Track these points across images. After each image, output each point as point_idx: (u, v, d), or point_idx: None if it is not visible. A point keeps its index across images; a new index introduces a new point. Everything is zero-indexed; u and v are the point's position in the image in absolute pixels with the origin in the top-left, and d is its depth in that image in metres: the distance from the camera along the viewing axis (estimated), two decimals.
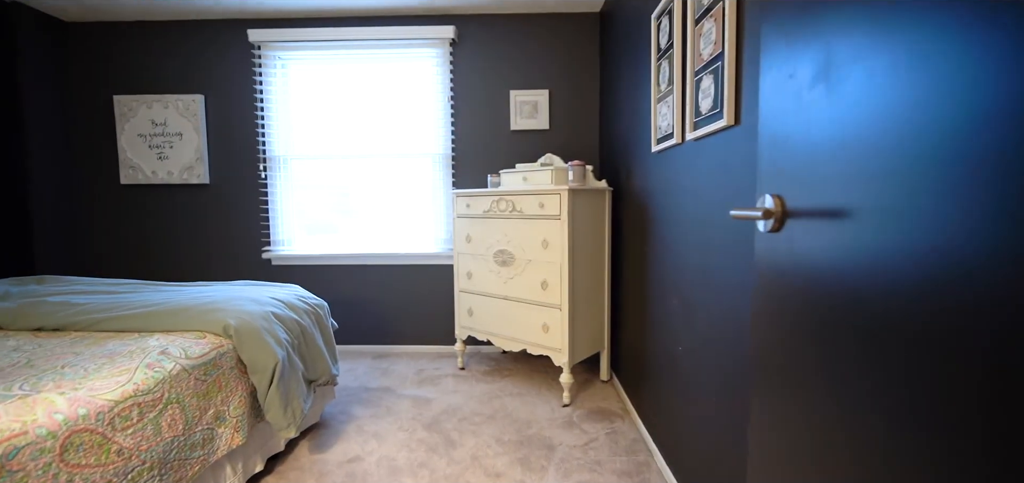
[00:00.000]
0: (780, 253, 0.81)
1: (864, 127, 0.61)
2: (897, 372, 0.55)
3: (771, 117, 0.84)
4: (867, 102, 0.60)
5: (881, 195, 0.58)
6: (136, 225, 3.39)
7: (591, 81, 3.22)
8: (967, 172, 0.46)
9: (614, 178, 2.77)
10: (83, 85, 3.31)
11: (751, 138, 1.18)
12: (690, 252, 1.59)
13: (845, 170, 0.64)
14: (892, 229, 0.56)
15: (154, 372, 1.35)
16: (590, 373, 2.95)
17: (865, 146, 0.60)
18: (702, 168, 1.48)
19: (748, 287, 1.18)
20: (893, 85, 0.56)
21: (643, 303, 2.17)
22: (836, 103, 0.66)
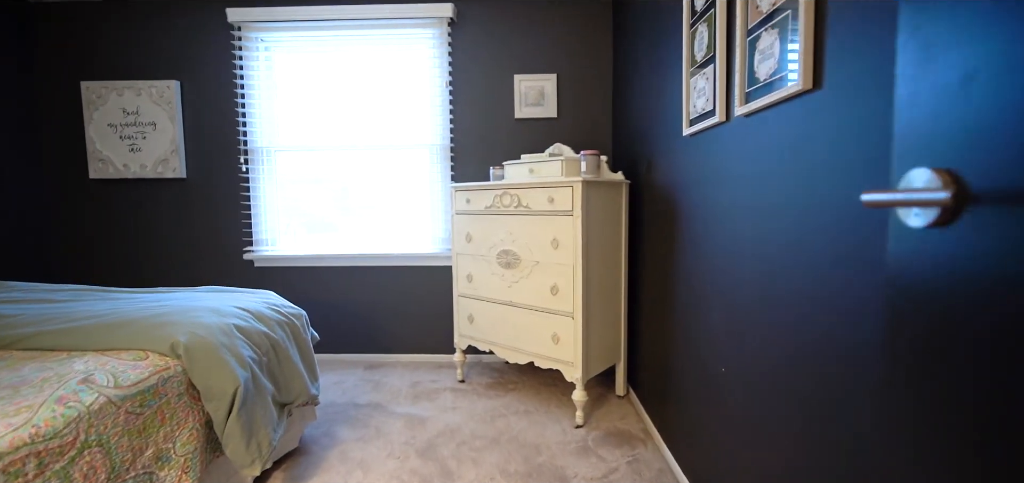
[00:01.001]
0: (950, 260, 0.52)
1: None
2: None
3: (924, 47, 0.55)
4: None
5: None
6: (107, 223, 3.11)
7: (603, 63, 2.92)
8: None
9: (631, 170, 2.47)
10: (48, 71, 3.03)
11: (842, 103, 0.88)
12: (740, 254, 1.30)
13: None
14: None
15: (66, 408, 1.06)
16: (604, 386, 2.65)
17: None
18: (760, 148, 1.18)
19: (844, 303, 0.89)
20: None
21: (669, 312, 1.88)
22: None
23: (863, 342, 0.83)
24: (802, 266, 1.01)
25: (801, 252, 1.01)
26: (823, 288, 0.94)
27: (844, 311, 0.88)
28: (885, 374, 0.62)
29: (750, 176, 1.23)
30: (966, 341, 0.50)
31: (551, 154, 2.54)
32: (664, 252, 1.94)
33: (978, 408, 0.49)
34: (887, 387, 0.62)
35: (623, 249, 2.40)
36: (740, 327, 1.29)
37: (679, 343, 1.77)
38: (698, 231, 1.57)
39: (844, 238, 0.87)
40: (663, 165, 1.96)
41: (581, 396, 2.18)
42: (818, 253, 0.95)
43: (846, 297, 0.87)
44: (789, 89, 1.01)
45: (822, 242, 0.94)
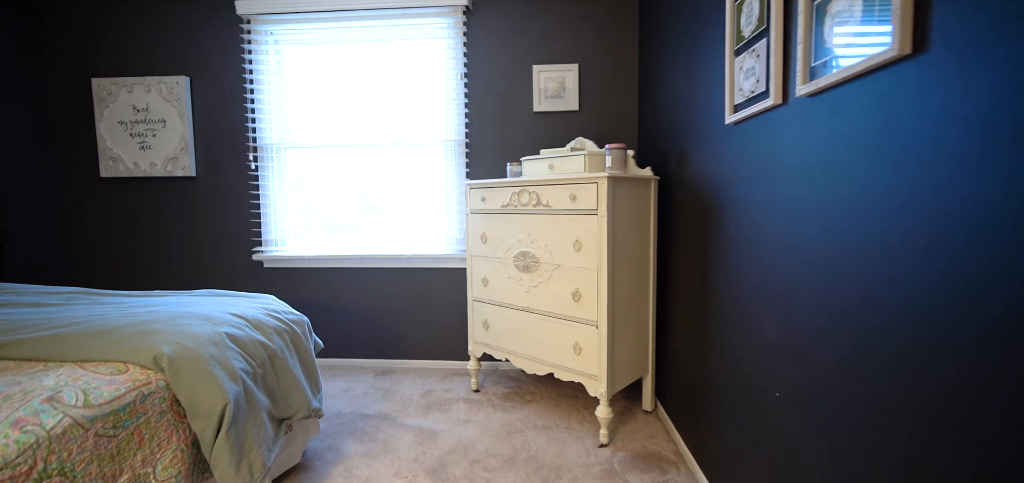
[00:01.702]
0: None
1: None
2: None
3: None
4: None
5: None
6: (117, 223, 3.05)
7: (629, 50, 2.72)
8: None
9: (661, 165, 2.27)
10: (59, 67, 2.98)
11: (954, 71, 0.68)
12: (799, 260, 1.10)
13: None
14: None
15: (22, 433, 0.93)
16: (629, 400, 2.46)
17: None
18: (829, 133, 0.98)
19: (957, 330, 0.69)
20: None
21: (706, 323, 1.68)
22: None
23: (988, 383, 0.63)
24: (894, 277, 0.81)
25: (893, 260, 0.81)
26: (928, 308, 0.74)
27: (951, 339, 0.68)
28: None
29: (815, 167, 1.03)
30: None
31: (573, 149, 2.36)
32: (700, 256, 1.74)
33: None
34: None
35: (651, 252, 2.20)
36: (800, 346, 1.09)
37: (719, 358, 1.57)
38: (745, 232, 1.38)
39: (965, 245, 0.68)
40: (699, 159, 1.76)
41: (606, 413, 2.00)
42: (921, 262, 0.75)
43: (963, 321, 0.67)
44: (875, 58, 0.81)
45: (927, 247, 0.74)
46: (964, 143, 0.67)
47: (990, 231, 0.63)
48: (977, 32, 0.65)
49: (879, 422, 0.85)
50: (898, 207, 0.79)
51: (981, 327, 0.64)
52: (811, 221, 1.05)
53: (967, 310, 0.67)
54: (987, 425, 0.64)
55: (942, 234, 0.71)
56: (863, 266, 0.88)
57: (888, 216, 0.82)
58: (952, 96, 0.69)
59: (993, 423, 0.63)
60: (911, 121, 0.76)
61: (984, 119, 0.64)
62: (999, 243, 0.62)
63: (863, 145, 0.88)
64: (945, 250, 0.70)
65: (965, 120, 0.67)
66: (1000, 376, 0.62)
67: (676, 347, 2.06)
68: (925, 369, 0.74)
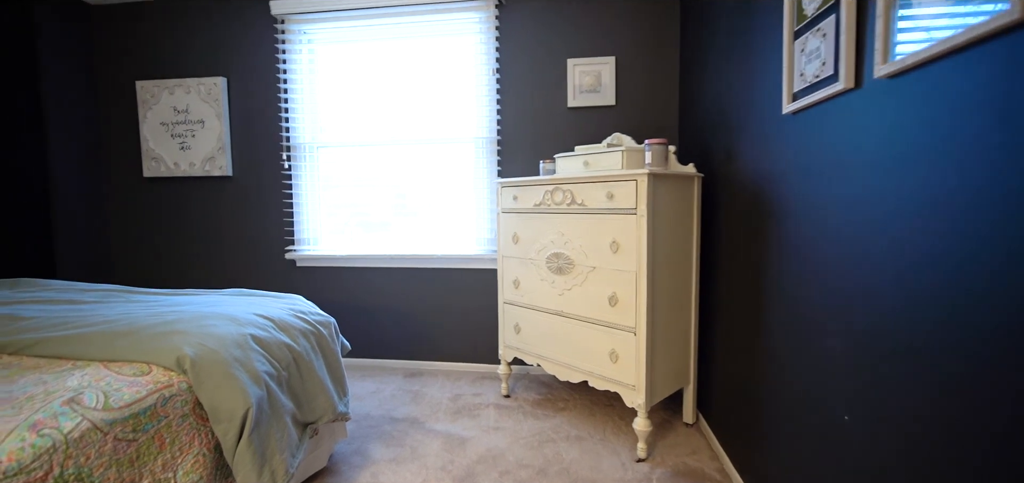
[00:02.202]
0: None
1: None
2: None
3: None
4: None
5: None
6: (158, 222, 3.14)
7: (669, 41, 2.57)
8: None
9: (704, 162, 2.12)
10: (106, 72, 3.09)
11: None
12: (875, 267, 0.95)
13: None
14: None
15: (39, 437, 0.90)
16: (669, 411, 2.31)
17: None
18: (917, 119, 0.84)
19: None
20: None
21: (757, 332, 1.53)
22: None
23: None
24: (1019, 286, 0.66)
25: (1013, 266, 0.67)
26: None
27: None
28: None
29: (896, 157, 0.89)
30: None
31: (610, 145, 2.23)
32: (750, 258, 1.59)
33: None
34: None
35: (694, 254, 2.06)
36: (876, 363, 0.95)
37: (773, 371, 1.43)
38: (806, 232, 1.23)
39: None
40: (750, 153, 1.61)
41: (644, 426, 1.87)
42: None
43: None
44: (983, 26, 0.67)
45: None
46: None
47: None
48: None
49: (990, 465, 0.70)
50: (1014, 202, 0.65)
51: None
52: (895, 222, 0.90)
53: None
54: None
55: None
56: (968, 276, 0.74)
57: (1003, 214, 0.67)
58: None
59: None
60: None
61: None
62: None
63: (965, 131, 0.73)
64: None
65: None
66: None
67: (721, 357, 1.91)
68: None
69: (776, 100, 1.40)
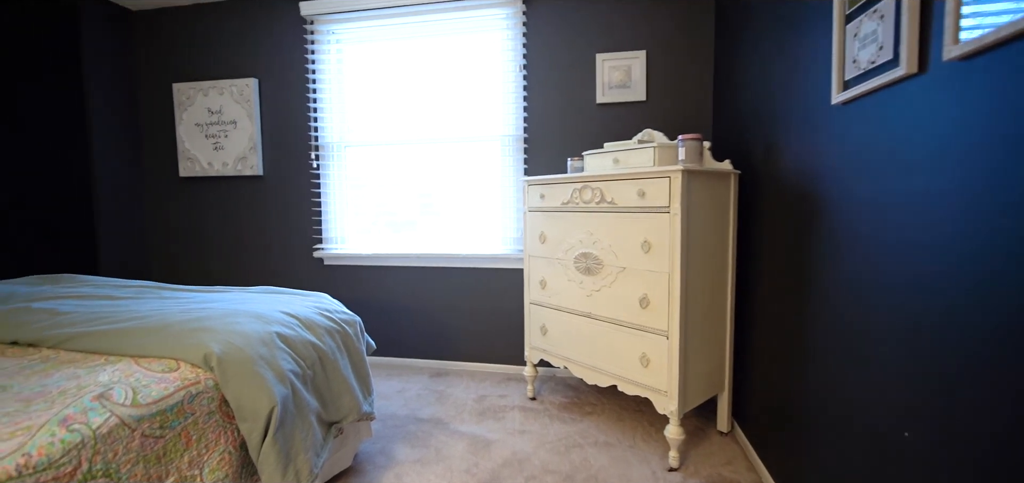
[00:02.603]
0: None
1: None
2: None
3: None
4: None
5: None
6: (193, 220, 3.22)
7: (703, 32, 2.47)
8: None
9: (741, 158, 2.03)
10: (146, 75, 3.19)
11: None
12: (945, 271, 0.86)
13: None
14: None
15: (68, 432, 0.91)
16: (702, 419, 2.22)
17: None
18: (999, 106, 0.75)
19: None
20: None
21: (799, 338, 1.44)
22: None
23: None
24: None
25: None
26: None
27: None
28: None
29: (974, 150, 0.80)
30: None
31: (640, 141, 2.16)
32: (793, 259, 1.50)
33: None
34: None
35: (730, 254, 1.96)
36: (946, 376, 0.86)
37: (818, 379, 1.33)
38: (859, 233, 1.14)
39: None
40: (793, 148, 1.52)
41: (676, 433, 1.79)
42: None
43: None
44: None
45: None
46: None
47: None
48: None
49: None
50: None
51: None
52: (967, 219, 0.81)
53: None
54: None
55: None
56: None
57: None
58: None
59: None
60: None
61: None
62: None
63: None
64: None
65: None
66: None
67: (759, 362, 1.81)
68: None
69: (824, 90, 1.30)
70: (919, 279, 0.93)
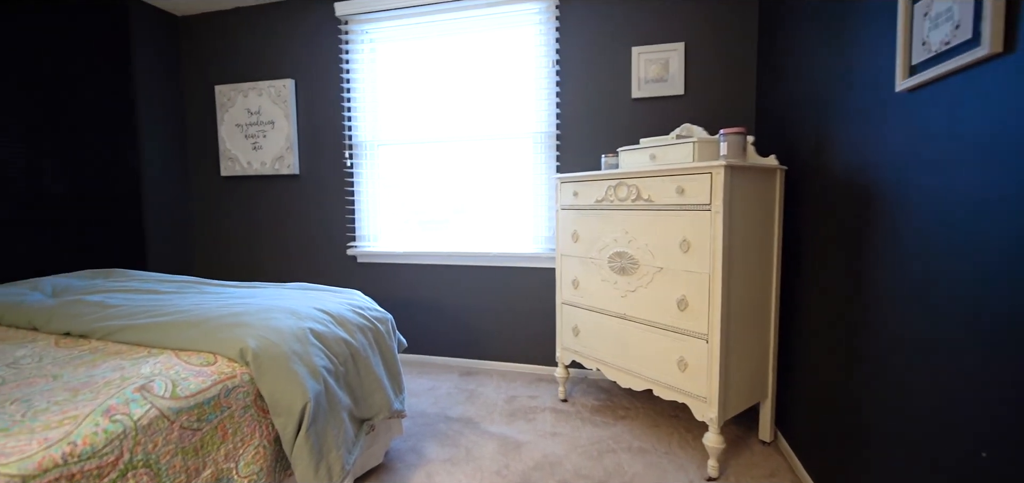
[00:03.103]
0: None
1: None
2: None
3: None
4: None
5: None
6: (233, 218, 3.32)
7: (746, 21, 2.36)
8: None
9: (788, 153, 1.92)
10: (190, 78, 3.31)
11: None
12: (1021, 275, 0.77)
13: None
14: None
15: (111, 422, 0.93)
16: (742, 428, 2.12)
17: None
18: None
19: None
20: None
21: (855, 345, 1.33)
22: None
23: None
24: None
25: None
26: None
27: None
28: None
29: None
30: None
31: (679, 137, 2.08)
32: (848, 260, 1.40)
33: None
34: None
35: (775, 254, 1.86)
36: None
37: (875, 390, 1.23)
38: (929, 231, 1.04)
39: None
40: (848, 141, 1.41)
41: (716, 442, 1.71)
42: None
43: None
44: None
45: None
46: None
47: None
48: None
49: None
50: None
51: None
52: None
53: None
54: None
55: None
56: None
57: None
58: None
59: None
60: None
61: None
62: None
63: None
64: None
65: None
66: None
67: (806, 369, 1.70)
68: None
69: (885, 76, 1.20)
70: (999, 284, 0.83)
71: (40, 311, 1.53)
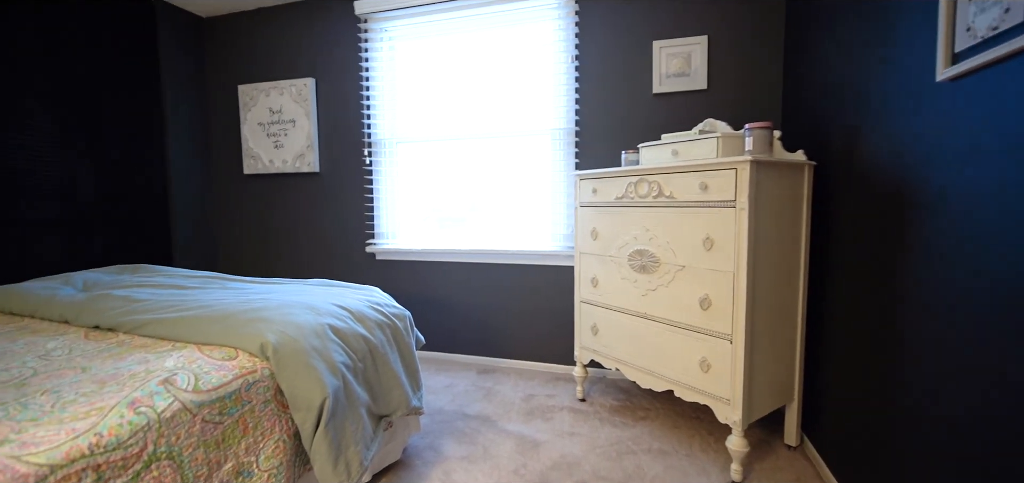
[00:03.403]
0: None
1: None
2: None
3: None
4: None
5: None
6: (255, 216, 3.38)
7: (772, 13, 2.29)
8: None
9: (817, 148, 1.85)
10: (214, 78, 3.38)
11: None
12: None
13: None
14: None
15: (136, 414, 0.94)
16: (767, 431, 2.06)
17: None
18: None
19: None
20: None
21: (888, 346, 1.28)
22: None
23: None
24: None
25: None
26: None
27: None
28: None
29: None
30: None
31: (702, 132, 2.03)
32: (882, 258, 1.34)
33: None
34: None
35: (802, 253, 1.80)
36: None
37: (912, 395, 1.18)
38: (974, 229, 0.98)
39: None
40: (882, 134, 1.36)
41: (739, 445, 1.66)
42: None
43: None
44: None
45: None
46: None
47: None
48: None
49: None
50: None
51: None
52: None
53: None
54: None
55: None
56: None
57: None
58: None
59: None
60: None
61: None
62: None
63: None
64: None
65: None
66: None
67: (835, 372, 1.64)
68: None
69: (924, 66, 1.15)
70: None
71: (71, 305, 1.57)
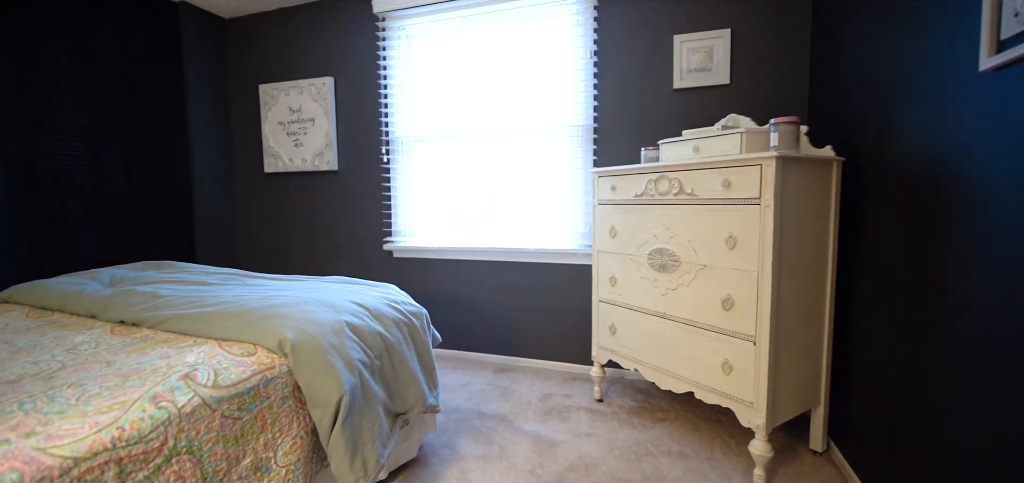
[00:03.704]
0: None
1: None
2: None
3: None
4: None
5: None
6: (276, 214, 3.43)
7: (796, 5, 2.22)
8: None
9: (845, 144, 1.79)
10: (236, 77, 3.43)
11: None
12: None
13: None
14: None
15: (157, 409, 0.95)
16: (791, 436, 2.00)
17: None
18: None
19: None
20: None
21: (923, 350, 1.22)
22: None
23: None
24: None
25: None
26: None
27: None
28: None
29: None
30: None
31: (724, 128, 1.97)
32: (915, 258, 1.28)
33: None
34: None
35: (830, 252, 1.74)
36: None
37: (947, 401, 1.12)
38: (1018, 226, 0.93)
39: None
40: (918, 128, 1.29)
41: (763, 450, 1.61)
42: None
43: None
44: None
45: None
46: None
47: None
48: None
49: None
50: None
51: None
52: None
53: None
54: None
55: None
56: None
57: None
58: None
59: None
60: None
61: None
62: None
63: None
64: None
65: None
66: None
67: (865, 376, 1.58)
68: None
69: (966, 55, 1.09)
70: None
71: (97, 300, 1.60)
